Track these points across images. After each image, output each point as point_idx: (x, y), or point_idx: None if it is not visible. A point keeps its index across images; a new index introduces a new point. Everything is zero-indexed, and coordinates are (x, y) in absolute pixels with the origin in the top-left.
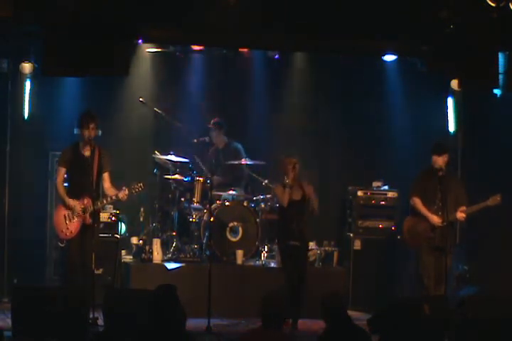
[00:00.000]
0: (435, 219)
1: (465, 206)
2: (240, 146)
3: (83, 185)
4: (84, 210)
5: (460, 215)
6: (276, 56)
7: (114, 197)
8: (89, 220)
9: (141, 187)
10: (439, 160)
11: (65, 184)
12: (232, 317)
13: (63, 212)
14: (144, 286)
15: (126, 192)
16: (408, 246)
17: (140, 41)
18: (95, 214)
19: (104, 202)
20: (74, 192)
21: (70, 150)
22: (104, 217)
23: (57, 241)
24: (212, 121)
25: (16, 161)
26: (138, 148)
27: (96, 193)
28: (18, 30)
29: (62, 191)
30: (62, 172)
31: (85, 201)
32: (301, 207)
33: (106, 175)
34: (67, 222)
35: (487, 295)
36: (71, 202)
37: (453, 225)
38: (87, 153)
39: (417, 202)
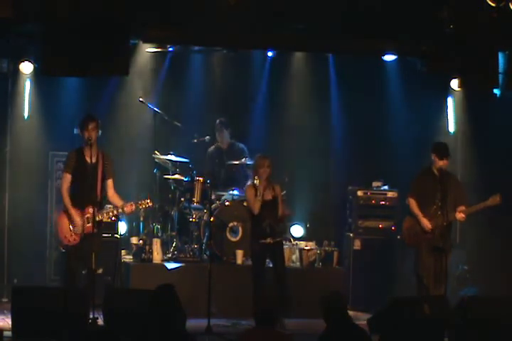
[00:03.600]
0: (425, 224)
1: (464, 206)
2: (244, 147)
3: (87, 192)
4: (87, 220)
5: (460, 216)
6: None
7: (119, 210)
8: (91, 229)
9: (148, 203)
10: (440, 162)
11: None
12: (232, 317)
13: (67, 219)
14: (144, 286)
15: (133, 207)
16: (407, 245)
17: (140, 41)
18: (99, 224)
19: (110, 214)
20: (77, 199)
21: (74, 156)
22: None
23: (60, 245)
24: (218, 120)
25: (16, 161)
26: (138, 148)
27: (100, 202)
28: (18, 30)
29: (67, 201)
30: (68, 179)
31: (89, 210)
32: (273, 206)
33: (110, 182)
34: (72, 230)
35: (487, 296)
36: (75, 216)
37: (451, 225)
38: (91, 159)
39: (412, 203)
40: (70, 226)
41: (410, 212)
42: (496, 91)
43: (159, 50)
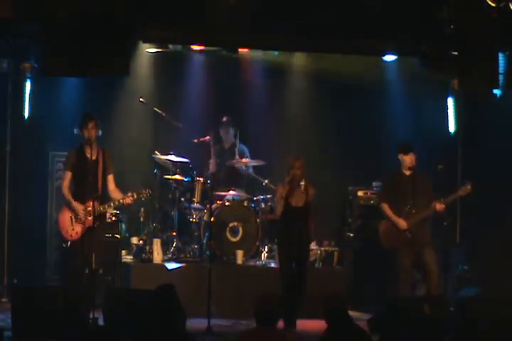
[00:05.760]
0: (401, 223)
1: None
2: (245, 148)
3: (88, 188)
4: (89, 213)
5: (439, 206)
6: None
7: (121, 201)
8: (93, 223)
9: (149, 192)
10: (407, 159)
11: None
12: (232, 317)
13: (69, 212)
14: (144, 286)
15: (135, 196)
16: (386, 249)
17: (140, 41)
18: (100, 218)
19: (112, 205)
20: (79, 195)
21: (74, 153)
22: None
23: (61, 241)
24: (224, 118)
25: (16, 161)
26: (138, 148)
27: (101, 196)
28: (18, 30)
29: (68, 195)
30: (68, 177)
31: (90, 204)
32: (304, 213)
33: (110, 177)
34: (73, 223)
35: (487, 296)
36: (77, 206)
37: (427, 222)
38: (91, 156)
39: (384, 206)
40: (72, 219)
41: (384, 216)
42: (496, 91)
43: (159, 50)
